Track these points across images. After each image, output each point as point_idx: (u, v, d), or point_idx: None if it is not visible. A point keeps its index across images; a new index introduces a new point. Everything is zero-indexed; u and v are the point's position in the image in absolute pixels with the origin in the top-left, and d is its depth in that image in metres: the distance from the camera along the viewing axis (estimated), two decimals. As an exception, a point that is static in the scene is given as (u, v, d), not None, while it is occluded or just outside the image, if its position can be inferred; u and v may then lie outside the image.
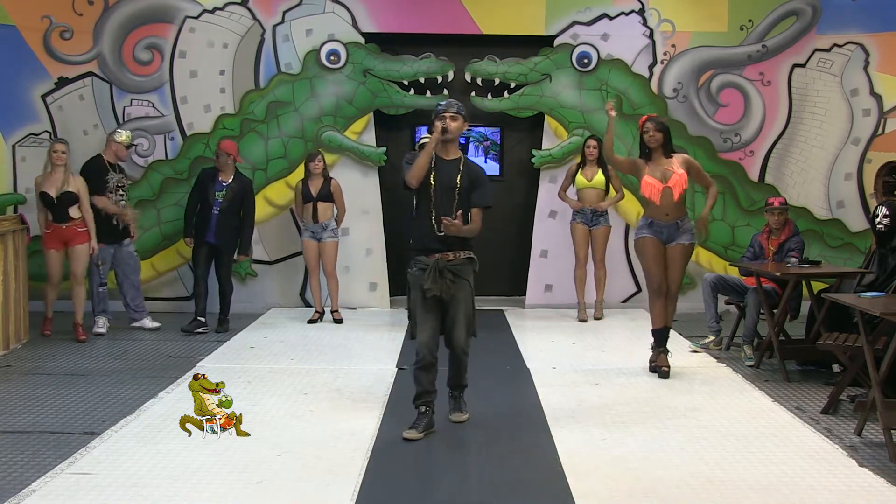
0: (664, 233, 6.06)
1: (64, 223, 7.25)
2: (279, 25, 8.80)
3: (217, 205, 7.70)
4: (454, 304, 4.85)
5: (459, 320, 4.87)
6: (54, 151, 7.28)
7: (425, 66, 8.80)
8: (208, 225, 7.73)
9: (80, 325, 7.38)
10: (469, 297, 4.91)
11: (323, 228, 8.05)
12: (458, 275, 4.83)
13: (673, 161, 6.08)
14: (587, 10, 8.88)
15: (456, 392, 5.15)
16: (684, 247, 6.07)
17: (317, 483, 4.11)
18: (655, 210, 6.07)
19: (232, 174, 7.80)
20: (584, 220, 8.24)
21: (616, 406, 5.44)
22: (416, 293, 4.93)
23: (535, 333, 7.75)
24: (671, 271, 6.08)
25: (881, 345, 5.01)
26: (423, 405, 4.89)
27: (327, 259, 8.09)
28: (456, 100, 5.10)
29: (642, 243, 6.13)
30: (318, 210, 8.00)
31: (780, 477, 4.19)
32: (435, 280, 4.77)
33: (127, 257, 7.79)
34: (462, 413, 5.12)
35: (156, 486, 4.03)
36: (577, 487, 4.04)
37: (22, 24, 8.62)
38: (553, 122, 8.96)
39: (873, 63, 8.87)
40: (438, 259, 4.82)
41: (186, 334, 7.57)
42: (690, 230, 6.11)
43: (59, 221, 7.25)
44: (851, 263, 8.55)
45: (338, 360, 6.67)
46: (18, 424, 5.00)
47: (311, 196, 8.00)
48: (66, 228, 7.26)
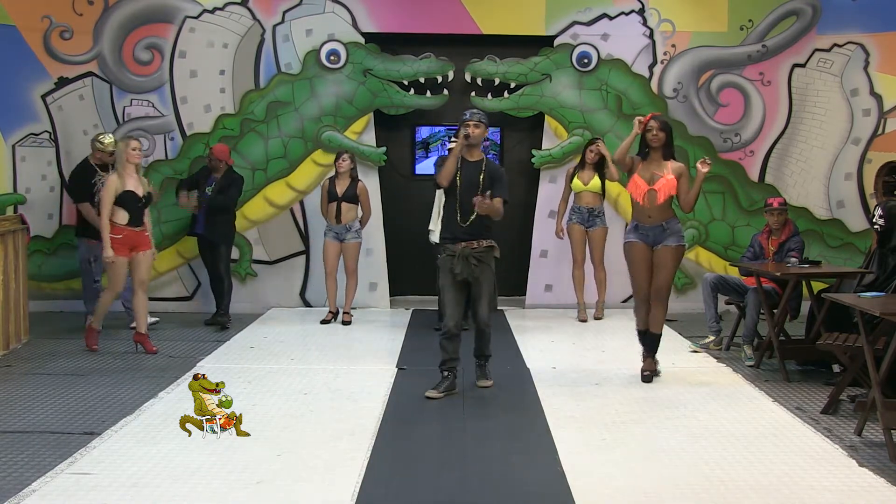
0: (650, 236, 5.96)
1: (138, 227, 6.79)
2: (279, 25, 8.80)
3: (205, 197, 7.83)
4: (477, 284, 5.66)
5: (483, 298, 5.68)
6: (132, 149, 6.79)
7: (425, 66, 8.80)
8: (198, 217, 7.90)
9: (146, 337, 6.90)
10: (490, 278, 5.73)
11: (346, 230, 8.03)
12: (481, 260, 5.62)
13: (668, 165, 5.95)
14: (587, 10, 8.88)
15: (481, 361, 5.92)
16: (672, 249, 5.93)
17: (317, 483, 4.11)
18: (640, 212, 5.98)
19: (223, 171, 7.91)
20: (581, 220, 8.24)
21: (616, 406, 5.44)
22: (444, 275, 5.73)
23: (535, 333, 7.75)
24: (660, 274, 5.94)
25: (881, 345, 5.01)
26: (446, 370, 5.69)
27: (349, 258, 8.07)
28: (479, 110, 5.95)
29: (629, 248, 6.03)
30: (342, 210, 7.98)
31: (780, 477, 4.19)
32: (462, 265, 5.59)
33: None
34: (487, 379, 5.89)
35: (156, 486, 4.03)
36: (577, 487, 4.04)
37: (22, 24, 8.62)
38: (553, 122, 8.96)
39: (873, 63, 8.87)
40: (464, 247, 5.62)
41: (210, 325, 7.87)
42: (679, 232, 5.98)
43: (134, 225, 6.75)
44: (851, 263, 8.55)
45: (338, 360, 6.67)
46: (18, 424, 5.00)
47: (336, 196, 7.97)
48: (138, 232, 6.80)
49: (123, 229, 6.68)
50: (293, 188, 8.84)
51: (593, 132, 8.76)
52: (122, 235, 6.68)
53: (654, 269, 5.96)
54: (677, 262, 6.02)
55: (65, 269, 8.69)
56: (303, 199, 8.91)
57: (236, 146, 8.69)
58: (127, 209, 6.70)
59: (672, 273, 6.00)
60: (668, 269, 5.95)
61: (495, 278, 5.93)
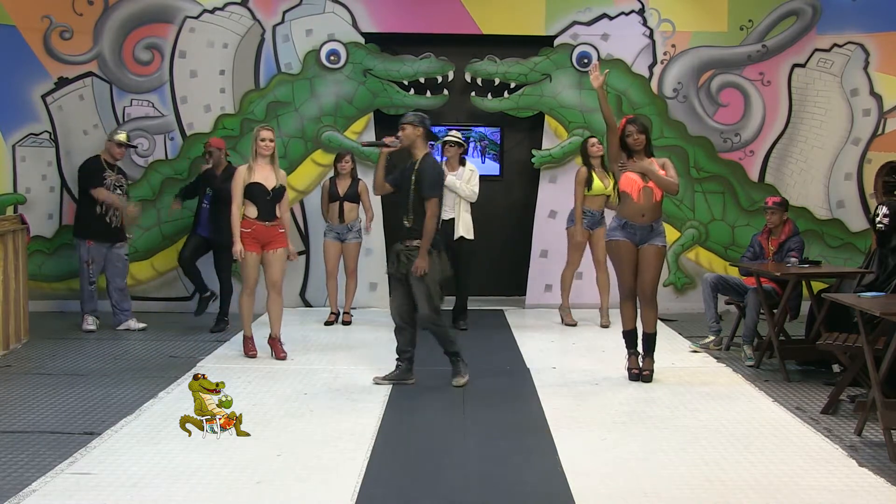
0: (637, 235, 5.93)
1: (269, 221, 6.42)
2: (279, 25, 8.81)
3: (207, 199, 7.77)
4: (409, 283, 5.72)
5: (419, 297, 5.70)
6: (261, 140, 6.44)
7: (425, 66, 8.80)
8: (199, 218, 7.86)
9: (277, 341, 6.62)
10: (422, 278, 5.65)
11: (348, 230, 8.02)
12: (410, 259, 5.69)
13: (653, 162, 5.95)
14: (587, 10, 8.89)
15: (452, 358, 5.89)
16: (658, 248, 5.92)
17: (317, 483, 4.10)
18: (632, 209, 5.92)
19: (223, 169, 7.79)
20: (586, 223, 7.93)
21: (616, 406, 5.44)
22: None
23: (535, 333, 7.75)
24: (645, 273, 5.92)
25: (881, 345, 5.01)
26: (398, 359, 5.91)
27: (350, 258, 8.07)
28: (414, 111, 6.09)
29: (615, 246, 5.98)
30: (345, 210, 7.98)
31: (780, 477, 4.19)
32: (393, 262, 5.81)
33: (115, 259, 7.77)
34: (460, 377, 5.86)
35: (156, 486, 4.03)
36: (576, 487, 4.04)
37: (22, 24, 8.62)
38: (553, 122, 8.97)
39: (873, 63, 8.87)
40: (399, 245, 5.82)
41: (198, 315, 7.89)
42: (663, 233, 6.00)
43: (264, 219, 6.40)
44: (851, 263, 8.56)
45: (338, 360, 6.67)
46: (18, 424, 5.00)
47: (338, 195, 7.97)
48: (269, 228, 6.42)
49: (253, 223, 6.36)
50: (293, 188, 8.81)
51: (593, 132, 8.75)
52: (251, 229, 6.36)
53: (640, 268, 5.95)
54: (662, 262, 6.02)
55: (65, 269, 8.69)
56: (303, 200, 8.91)
57: (236, 146, 8.69)
58: (255, 202, 6.37)
59: (658, 272, 5.99)
60: (654, 269, 5.94)
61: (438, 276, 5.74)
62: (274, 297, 6.58)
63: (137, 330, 7.76)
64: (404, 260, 5.73)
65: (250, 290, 6.56)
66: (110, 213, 7.63)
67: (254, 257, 6.41)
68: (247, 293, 6.56)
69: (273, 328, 6.64)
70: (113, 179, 7.68)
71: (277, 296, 6.58)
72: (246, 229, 6.37)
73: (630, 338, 6.11)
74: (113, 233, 7.70)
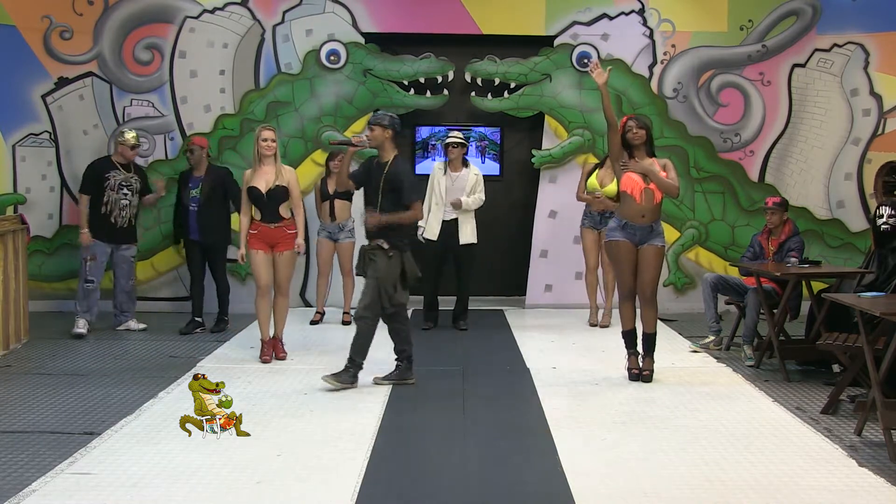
0: (637, 235, 5.94)
1: (273, 223, 6.40)
2: (279, 25, 8.81)
3: (194, 201, 7.63)
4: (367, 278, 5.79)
5: (365, 290, 5.76)
6: (263, 140, 6.41)
7: (425, 66, 8.80)
8: (188, 223, 7.71)
9: (279, 341, 6.65)
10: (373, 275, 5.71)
11: (340, 229, 7.99)
12: (371, 259, 5.76)
13: (654, 162, 5.98)
14: (587, 10, 8.89)
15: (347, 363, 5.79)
16: (657, 249, 5.94)
17: (317, 483, 4.10)
18: (632, 209, 5.93)
19: (205, 169, 7.69)
20: (593, 224, 7.96)
21: (616, 406, 5.44)
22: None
23: (535, 333, 7.75)
24: (645, 274, 5.93)
25: (881, 345, 5.01)
26: (397, 359, 5.96)
27: (344, 258, 8.01)
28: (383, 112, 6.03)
29: (615, 246, 5.99)
30: (336, 208, 7.95)
31: (780, 477, 4.19)
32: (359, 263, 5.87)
33: (121, 261, 7.75)
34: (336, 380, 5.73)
35: (156, 487, 4.03)
36: (576, 487, 4.04)
37: (22, 24, 8.62)
38: (553, 122, 8.96)
39: (873, 63, 8.87)
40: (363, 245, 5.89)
41: (185, 335, 7.57)
42: (662, 234, 6.01)
43: (267, 221, 6.40)
44: (851, 263, 8.55)
45: (338, 360, 6.64)
46: (18, 424, 5.00)
47: (328, 194, 7.93)
48: (274, 229, 6.40)
49: (259, 225, 6.41)
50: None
51: (593, 132, 8.76)
52: (257, 231, 6.41)
53: (640, 268, 5.96)
54: (661, 262, 6.03)
55: (65, 269, 8.69)
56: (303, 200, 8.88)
57: (236, 146, 8.69)
58: (256, 205, 6.42)
59: (657, 272, 6.00)
60: (654, 269, 5.95)
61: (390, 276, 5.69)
62: (279, 298, 6.60)
63: (137, 330, 7.76)
64: (369, 260, 5.75)
65: (264, 291, 6.48)
66: (115, 213, 7.62)
67: (262, 256, 6.41)
68: (261, 295, 6.49)
69: (276, 328, 6.65)
70: (120, 179, 7.64)
71: (283, 297, 6.60)
72: (253, 231, 6.44)
73: (630, 338, 6.11)
74: (118, 234, 7.67)
